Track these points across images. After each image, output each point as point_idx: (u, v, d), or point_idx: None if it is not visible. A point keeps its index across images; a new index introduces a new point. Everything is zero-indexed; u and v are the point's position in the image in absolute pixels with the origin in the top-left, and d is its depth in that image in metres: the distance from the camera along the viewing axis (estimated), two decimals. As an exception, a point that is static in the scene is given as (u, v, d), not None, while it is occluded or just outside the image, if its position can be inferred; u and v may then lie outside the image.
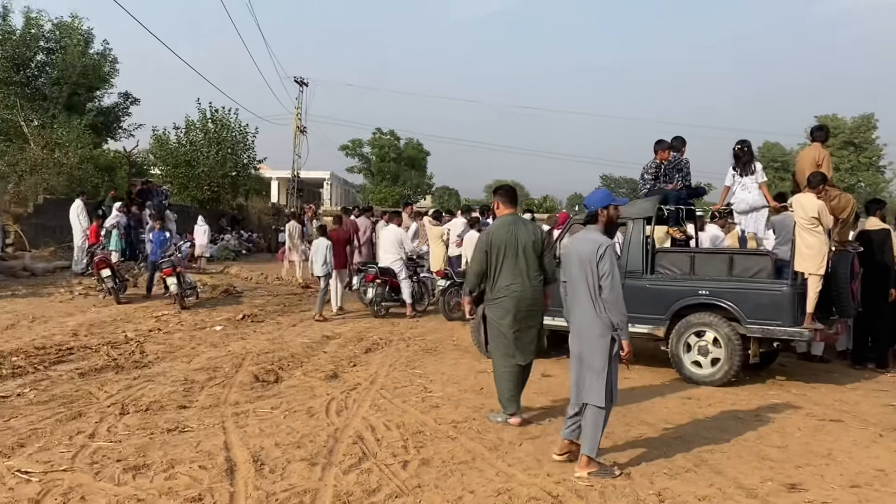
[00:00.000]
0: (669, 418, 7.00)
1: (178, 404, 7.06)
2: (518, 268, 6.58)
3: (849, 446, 6.20)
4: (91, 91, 29.62)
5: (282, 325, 12.47)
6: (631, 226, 9.15)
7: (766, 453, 5.97)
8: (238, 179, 32.31)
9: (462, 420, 6.74)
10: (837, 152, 67.32)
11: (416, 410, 7.04)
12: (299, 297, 16.37)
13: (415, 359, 9.69)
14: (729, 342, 8.23)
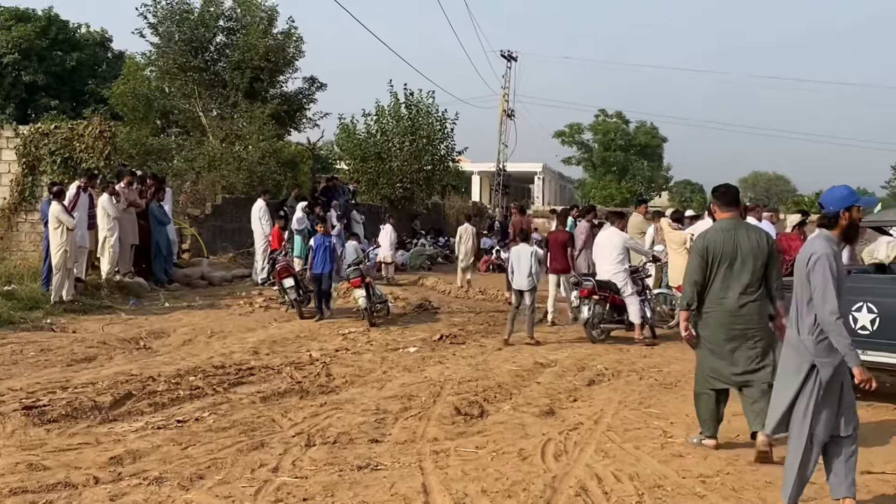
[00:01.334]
0: None
1: (369, 437, 7.39)
2: (734, 279, 7.00)
3: None
4: (274, 76, 31.72)
5: (486, 348, 12.72)
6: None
7: None
8: (434, 174, 33.12)
9: (712, 474, 6.56)
10: None
11: (653, 459, 6.94)
12: (506, 316, 16.55)
13: (650, 395, 9.55)
14: None
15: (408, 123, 31.88)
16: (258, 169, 25.58)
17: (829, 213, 5.57)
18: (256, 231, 20.44)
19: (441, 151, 33.01)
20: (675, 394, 9.63)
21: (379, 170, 31.86)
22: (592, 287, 13.36)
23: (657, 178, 65.43)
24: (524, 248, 13.50)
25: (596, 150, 63.62)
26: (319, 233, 15.43)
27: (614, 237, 13.79)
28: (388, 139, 31.90)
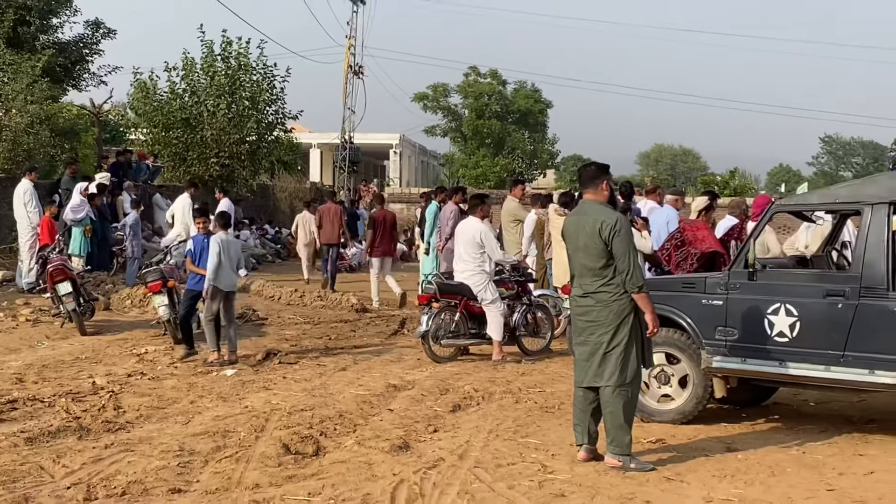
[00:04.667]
0: None
1: (169, 486, 7.28)
2: (576, 268, 8.26)
3: None
4: (45, 18, 30.68)
5: (325, 367, 12.71)
6: (867, 215, 8.91)
7: None
8: (260, 147, 32.65)
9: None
10: None
11: (529, 501, 7.07)
12: (352, 327, 16.62)
13: (528, 422, 9.74)
14: None
15: (225, 81, 31.26)
16: (24, 140, 24.71)
17: None
18: (21, 221, 19.70)
19: (269, 117, 32.54)
20: (558, 419, 9.85)
21: (188, 141, 31.11)
22: (434, 293, 13.46)
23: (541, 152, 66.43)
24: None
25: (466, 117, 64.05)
26: (199, 231, 13.68)
27: (472, 229, 13.56)
28: (200, 101, 31.17)
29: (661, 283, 10.65)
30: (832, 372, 8.92)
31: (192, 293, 13.19)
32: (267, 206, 36.59)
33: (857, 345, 8.77)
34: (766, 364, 9.18)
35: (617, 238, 7.91)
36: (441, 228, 17.46)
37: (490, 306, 13.32)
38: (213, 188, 30.50)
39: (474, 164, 62.09)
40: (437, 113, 65.11)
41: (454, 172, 65.51)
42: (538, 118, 65.90)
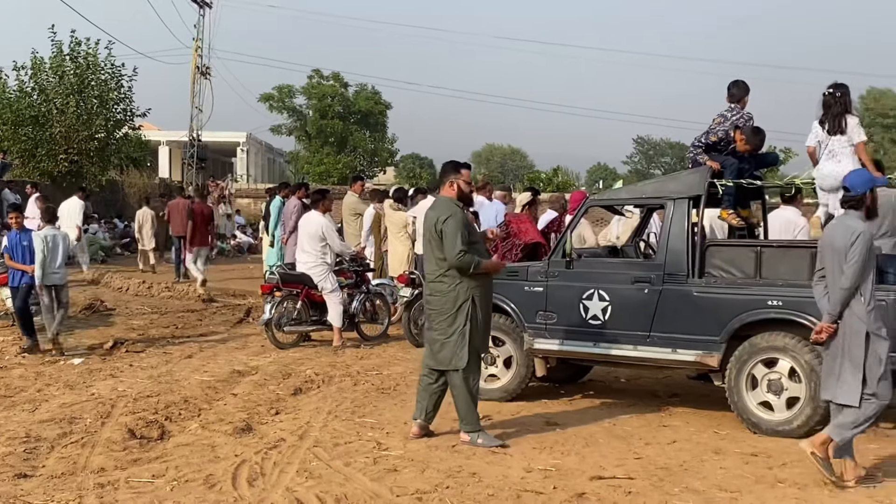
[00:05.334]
0: (726, 483, 7.10)
1: (15, 472, 7.06)
2: (426, 260, 8.46)
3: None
4: None
5: (171, 356, 12.47)
6: (670, 209, 9.23)
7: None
8: (109, 144, 32.02)
9: (430, 489, 6.80)
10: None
11: (364, 477, 7.09)
12: (199, 316, 16.35)
13: (365, 402, 9.75)
14: (812, 374, 8.32)
15: (74, 80, 30.51)
16: None
17: (856, 195, 7.05)
18: None
19: (117, 115, 31.94)
20: (394, 399, 9.91)
21: (37, 138, 30.34)
22: (276, 283, 13.39)
23: (381, 151, 66.47)
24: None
25: (310, 117, 63.58)
26: (14, 228, 13.01)
27: (314, 223, 13.55)
28: (49, 100, 30.42)
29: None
30: (640, 351, 9.21)
31: (23, 286, 12.68)
32: (116, 201, 35.62)
33: (661, 326, 9.07)
34: (581, 345, 9.42)
35: (443, 229, 8.00)
36: (285, 222, 17.30)
37: (330, 295, 13.31)
38: (61, 184, 29.66)
39: (318, 161, 61.70)
40: (283, 113, 64.38)
41: (299, 169, 65.00)
42: (378, 118, 65.88)
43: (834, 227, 7.30)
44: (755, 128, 9.78)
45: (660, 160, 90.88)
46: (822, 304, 7.23)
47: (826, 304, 7.15)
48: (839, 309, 7.00)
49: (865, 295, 6.99)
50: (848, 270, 6.92)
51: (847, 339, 7.00)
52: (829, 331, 7.07)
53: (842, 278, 6.96)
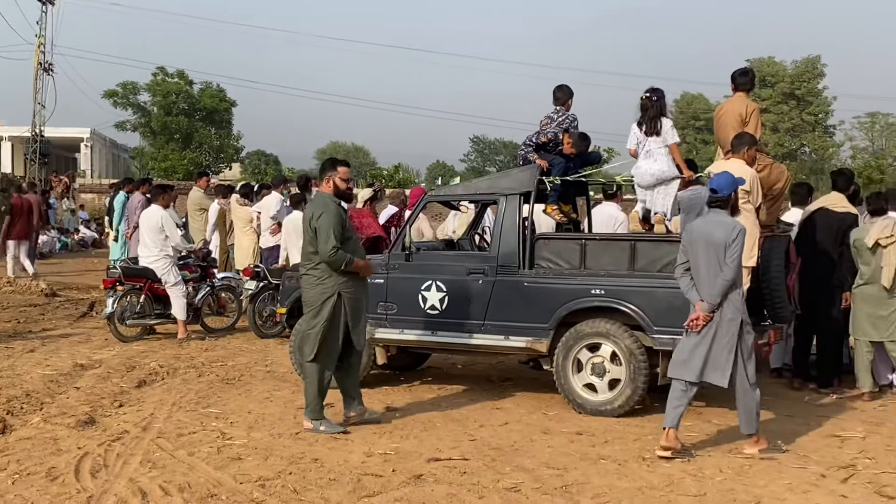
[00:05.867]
0: (553, 461, 7.25)
1: None
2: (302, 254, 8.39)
3: (783, 491, 6.62)
4: None
5: (13, 350, 11.94)
6: (503, 204, 9.36)
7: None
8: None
9: (273, 476, 6.73)
10: (776, 107, 71.54)
11: (208, 466, 6.98)
12: (42, 311, 15.71)
13: (210, 394, 9.57)
14: (632, 358, 8.58)
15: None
16: None
17: (723, 196, 7.52)
18: None
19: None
20: (238, 390, 9.75)
21: None
22: (118, 276, 12.97)
23: (227, 147, 65.32)
24: None
25: (155, 114, 61.95)
26: None
27: (154, 216, 13.16)
28: None
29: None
30: (475, 339, 9.31)
31: None
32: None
33: (495, 315, 9.20)
34: (420, 334, 9.46)
35: (317, 225, 7.97)
36: (129, 217, 16.82)
37: (173, 288, 12.96)
38: None
39: (163, 157, 60.19)
40: (128, 109, 62.48)
41: (144, 165, 63.27)
42: (224, 116, 64.72)
43: (708, 223, 7.56)
44: (582, 134, 10.01)
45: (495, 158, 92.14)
46: (690, 295, 7.52)
47: (694, 295, 7.45)
48: (719, 299, 7.31)
49: (740, 285, 7.44)
50: (732, 263, 7.27)
51: (722, 326, 7.35)
52: (707, 319, 7.35)
53: (725, 270, 7.27)
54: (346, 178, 8.35)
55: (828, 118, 75.42)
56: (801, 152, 73.52)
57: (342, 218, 8.14)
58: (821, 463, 7.32)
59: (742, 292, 7.52)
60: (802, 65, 73.92)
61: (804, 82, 73.43)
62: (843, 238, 9.97)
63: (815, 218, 10.15)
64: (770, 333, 9.03)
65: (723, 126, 9.57)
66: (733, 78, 9.80)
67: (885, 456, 7.53)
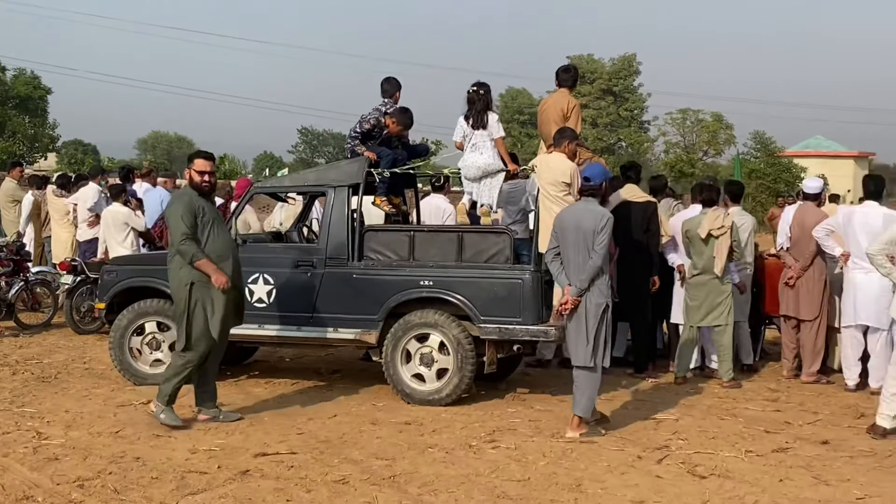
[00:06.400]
0: (382, 451, 7.27)
1: None
2: None
3: (602, 473, 6.83)
4: None
5: None
6: (331, 196, 9.31)
7: (504, 489, 6.40)
8: None
9: (92, 476, 6.53)
10: (595, 102, 73.83)
11: (23, 466, 6.72)
12: None
13: (25, 392, 9.17)
14: (459, 347, 8.68)
15: None
16: None
17: (595, 185, 7.78)
18: None
19: None
20: (55, 388, 9.37)
21: None
22: None
23: (42, 136, 62.74)
24: None
25: (-35, 102, 59.04)
26: None
27: None
28: None
29: (150, 258, 10.63)
30: (304, 331, 9.24)
31: None
32: None
33: (323, 307, 9.15)
34: (247, 327, 9.23)
35: (166, 214, 7.98)
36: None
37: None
38: None
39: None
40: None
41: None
42: (38, 104, 62.14)
43: (578, 210, 7.83)
44: (402, 108, 10.00)
45: (323, 150, 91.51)
46: (559, 280, 7.82)
47: (563, 280, 7.74)
48: (587, 284, 7.59)
49: (607, 272, 7.76)
50: (600, 250, 7.58)
51: (589, 310, 7.64)
52: (576, 303, 7.63)
53: (594, 256, 7.58)
54: (201, 171, 8.09)
55: (643, 114, 78.45)
56: (619, 146, 76.10)
57: (193, 208, 7.88)
58: (637, 444, 7.60)
59: (608, 278, 7.81)
60: (619, 62, 76.61)
61: (621, 79, 76.15)
62: (649, 225, 10.35)
63: (619, 210, 10.47)
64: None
65: (545, 121, 9.79)
66: (557, 74, 10.03)
67: (697, 437, 7.88)
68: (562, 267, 7.76)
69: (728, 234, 9.71)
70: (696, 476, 6.78)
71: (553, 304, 8.67)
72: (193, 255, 7.78)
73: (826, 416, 8.74)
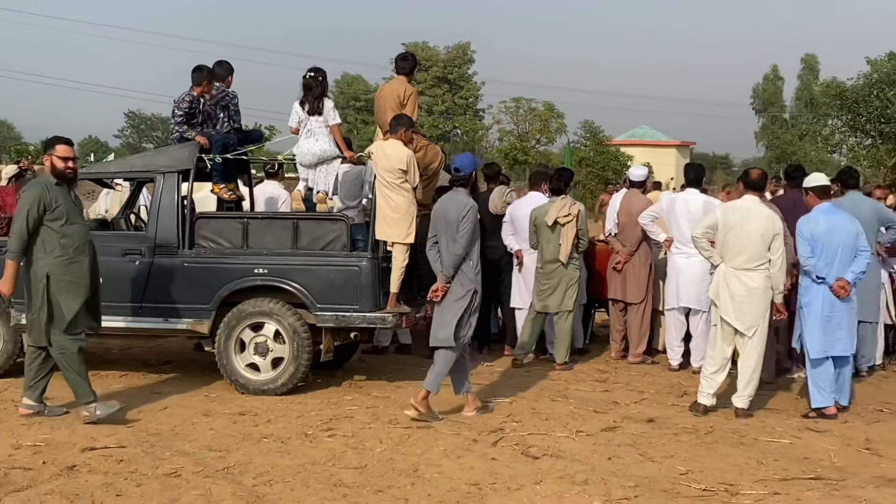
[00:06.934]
0: (215, 443, 7.15)
1: None
2: None
3: (438, 458, 6.89)
4: None
5: None
6: (160, 183, 9.07)
7: (341, 477, 6.38)
8: None
9: None
10: (430, 90, 74.26)
11: None
12: None
13: None
14: (295, 336, 8.60)
15: None
16: None
17: (465, 175, 8.14)
18: None
19: None
20: None
21: None
22: None
23: None
24: None
25: None
26: None
27: None
28: None
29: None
30: (133, 322, 9.02)
31: None
32: None
33: (153, 297, 8.93)
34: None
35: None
36: None
37: None
38: None
39: None
40: None
41: None
42: None
43: (448, 200, 8.09)
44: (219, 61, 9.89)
45: (152, 134, 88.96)
46: (434, 267, 8.07)
47: (437, 267, 8.02)
48: (453, 272, 7.87)
49: (473, 259, 8.00)
50: (461, 239, 7.84)
51: (455, 295, 7.91)
52: (445, 289, 7.90)
53: (455, 244, 7.85)
54: (65, 157, 7.71)
55: (477, 102, 79.30)
56: (454, 134, 76.75)
57: (45, 200, 7.53)
58: (473, 428, 7.70)
59: (475, 264, 8.05)
60: (454, 50, 77.25)
61: (456, 67, 76.80)
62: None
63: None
64: (427, 308, 9.38)
65: (382, 108, 9.78)
66: (395, 62, 10.06)
67: (530, 419, 8.04)
68: (438, 255, 8.03)
69: (574, 221, 9.96)
70: (529, 457, 6.92)
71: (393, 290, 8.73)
72: (10, 251, 7.52)
73: (651, 395, 9.08)
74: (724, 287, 8.22)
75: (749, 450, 7.22)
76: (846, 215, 8.48)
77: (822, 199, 8.49)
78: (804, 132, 55.37)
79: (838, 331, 8.26)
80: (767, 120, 78.22)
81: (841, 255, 8.24)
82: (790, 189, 10.40)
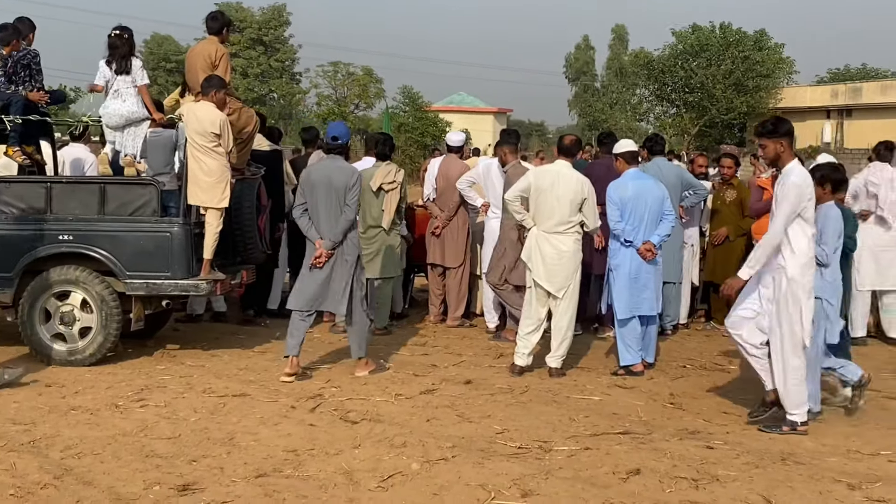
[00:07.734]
0: (20, 416, 6.92)
1: None
2: None
3: (255, 425, 6.86)
4: None
5: None
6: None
7: (154, 448, 6.27)
8: None
9: None
10: (245, 52, 72.90)
11: None
12: None
13: None
14: (103, 304, 8.36)
15: None
16: None
17: (343, 143, 8.30)
18: None
19: None
20: None
21: None
22: None
23: None
24: None
25: None
26: None
27: None
28: None
29: None
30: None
31: None
32: None
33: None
34: None
35: None
36: None
37: None
38: None
39: None
40: None
41: None
42: None
43: (328, 168, 8.22)
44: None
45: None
46: (310, 234, 8.16)
47: (314, 234, 8.12)
48: (342, 237, 8.09)
49: (356, 227, 8.29)
50: (353, 204, 8.09)
51: (340, 262, 8.14)
52: (329, 255, 8.07)
53: (347, 211, 8.06)
54: None
55: (294, 65, 78.45)
56: (270, 98, 75.76)
57: None
58: (291, 395, 7.69)
59: (357, 233, 8.34)
60: (269, 12, 75.99)
61: (271, 29, 75.60)
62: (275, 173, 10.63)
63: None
64: (242, 273, 9.29)
65: (192, 68, 9.55)
66: (206, 22, 9.85)
67: (349, 384, 8.09)
68: (311, 222, 8.11)
69: (398, 188, 10.00)
70: (348, 422, 6.97)
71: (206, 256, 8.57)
72: None
73: (469, 358, 9.27)
74: (536, 250, 8.48)
75: (561, 407, 7.50)
76: (653, 180, 8.86)
77: (631, 165, 8.84)
78: (614, 101, 57.33)
79: (645, 291, 8.64)
80: (580, 88, 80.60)
81: (648, 219, 8.62)
82: (603, 155, 10.79)
